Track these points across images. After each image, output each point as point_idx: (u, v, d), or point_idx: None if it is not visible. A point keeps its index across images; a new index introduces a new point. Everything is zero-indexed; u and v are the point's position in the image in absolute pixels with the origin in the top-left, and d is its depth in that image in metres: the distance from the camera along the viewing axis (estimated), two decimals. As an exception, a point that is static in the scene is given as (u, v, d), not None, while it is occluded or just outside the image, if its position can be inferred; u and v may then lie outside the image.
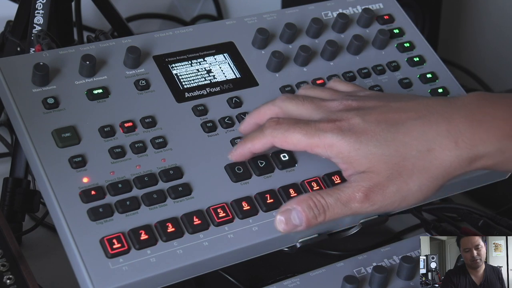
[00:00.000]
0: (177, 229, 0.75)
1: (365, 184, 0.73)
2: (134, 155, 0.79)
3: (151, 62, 0.86)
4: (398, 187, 0.73)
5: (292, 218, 0.74)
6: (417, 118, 0.74)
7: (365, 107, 0.76)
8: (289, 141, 0.76)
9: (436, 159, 0.72)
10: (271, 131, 0.76)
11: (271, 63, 0.89)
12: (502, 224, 0.96)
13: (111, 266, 0.72)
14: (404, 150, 0.73)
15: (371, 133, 0.74)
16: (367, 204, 0.73)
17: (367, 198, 0.73)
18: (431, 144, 0.72)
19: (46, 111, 0.79)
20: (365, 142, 0.73)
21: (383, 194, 0.73)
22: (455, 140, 0.72)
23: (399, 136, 0.73)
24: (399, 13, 0.99)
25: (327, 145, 0.74)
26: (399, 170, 0.73)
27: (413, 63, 0.95)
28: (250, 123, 0.81)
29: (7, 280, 0.76)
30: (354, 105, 0.77)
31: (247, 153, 0.79)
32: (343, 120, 0.75)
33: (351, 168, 0.74)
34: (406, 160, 0.73)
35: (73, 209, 0.74)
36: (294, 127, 0.76)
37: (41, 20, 0.97)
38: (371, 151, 0.73)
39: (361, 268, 0.82)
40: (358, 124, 0.74)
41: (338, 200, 0.73)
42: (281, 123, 0.76)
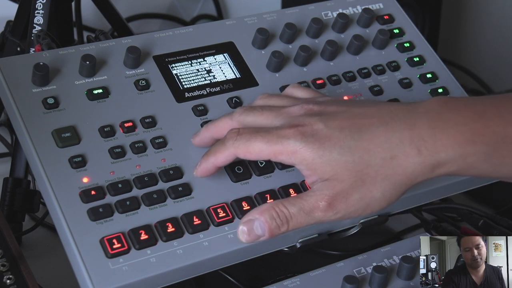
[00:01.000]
0: (177, 229, 0.75)
1: (328, 193, 0.72)
2: (134, 155, 0.79)
3: (151, 62, 0.86)
4: (362, 194, 0.72)
5: (254, 228, 0.73)
6: (380, 125, 0.73)
7: (327, 112, 0.75)
8: (251, 150, 0.74)
9: (399, 167, 0.72)
10: (232, 142, 0.75)
11: (271, 63, 0.89)
12: (502, 224, 0.96)
13: (111, 266, 0.72)
14: (368, 158, 0.72)
15: (335, 139, 0.72)
16: (330, 213, 0.72)
17: (331, 206, 0.72)
18: (394, 151, 0.72)
19: (46, 111, 0.79)
20: (329, 148, 0.72)
21: (346, 202, 0.72)
22: (418, 148, 0.71)
23: (363, 143, 0.72)
24: (399, 13, 0.99)
25: (290, 152, 0.73)
26: (362, 177, 0.72)
27: (413, 63, 0.95)
28: (205, 136, 0.80)
29: (7, 280, 0.76)
30: (315, 110, 0.75)
31: (211, 167, 0.77)
32: (306, 125, 0.73)
33: (315, 175, 0.73)
34: (370, 167, 0.72)
35: (73, 209, 0.74)
36: (255, 136, 0.74)
37: (41, 20, 0.97)
38: (335, 158, 0.72)
39: (361, 268, 0.82)
40: (321, 130, 0.73)
41: (301, 209, 0.73)
42: (242, 133, 0.75)
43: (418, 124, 0.72)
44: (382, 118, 0.73)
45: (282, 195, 0.80)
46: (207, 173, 0.78)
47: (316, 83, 0.90)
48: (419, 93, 0.93)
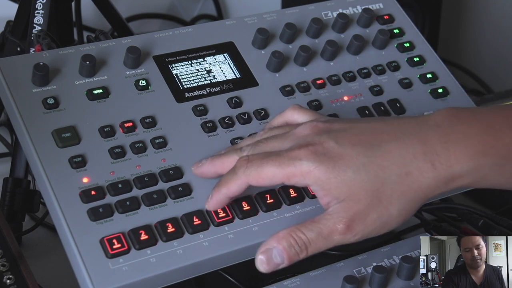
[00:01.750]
0: (177, 229, 0.75)
1: (346, 215, 0.71)
2: (134, 155, 0.79)
3: (151, 62, 0.86)
4: (379, 214, 0.71)
5: (273, 257, 0.72)
6: (392, 140, 0.72)
7: (334, 129, 0.74)
8: (264, 176, 0.73)
9: (414, 183, 0.71)
10: (243, 171, 0.73)
11: (271, 63, 0.89)
12: (502, 224, 0.96)
13: (111, 266, 0.72)
14: (383, 175, 0.71)
15: (348, 157, 0.71)
16: (349, 235, 0.71)
17: (349, 229, 0.71)
18: (408, 167, 0.71)
19: (46, 111, 0.79)
20: (343, 167, 0.71)
21: (364, 223, 0.71)
22: (432, 162, 0.71)
23: (377, 159, 0.71)
24: (399, 13, 0.99)
25: (305, 173, 0.71)
26: (378, 196, 0.71)
27: (413, 63, 0.95)
28: (209, 170, 0.78)
29: (7, 280, 0.76)
30: (321, 127, 0.74)
31: (224, 199, 0.75)
32: (316, 144, 0.72)
33: (330, 195, 0.72)
34: (386, 185, 0.71)
35: (73, 209, 0.74)
36: (266, 161, 0.73)
37: (41, 20, 0.97)
38: (350, 177, 0.71)
39: (361, 268, 0.82)
40: (332, 148, 0.72)
41: (319, 234, 0.71)
42: (252, 160, 0.73)
43: (430, 138, 0.72)
44: (392, 133, 0.73)
45: (282, 195, 0.80)
46: (220, 205, 0.76)
47: (316, 83, 0.90)
48: (419, 93, 0.93)
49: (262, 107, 0.86)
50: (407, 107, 0.91)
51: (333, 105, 0.89)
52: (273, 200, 0.79)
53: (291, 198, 0.80)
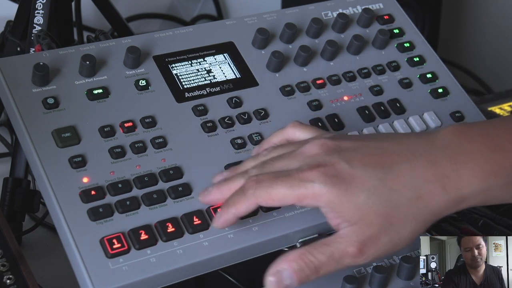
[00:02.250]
0: (177, 229, 0.75)
1: (358, 239, 0.70)
2: (134, 155, 0.79)
3: (151, 62, 0.86)
4: (390, 237, 0.71)
5: (283, 279, 0.71)
6: (403, 162, 0.72)
7: (343, 148, 0.72)
8: (274, 198, 0.71)
9: (426, 206, 0.71)
10: (253, 192, 0.72)
11: (271, 63, 0.89)
12: (502, 224, 0.96)
13: (111, 266, 0.72)
14: (395, 199, 0.71)
15: (360, 179, 0.70)
16: (360, 258, 0.71)
17: (361, 252, 0.70)
18: (420, 191, 0.71)
19: (46, 111, 0.79)
20: (356, 191, 0.70)
21: (375, 247, 0.71)
22: (442, 185, 0.71)
23: (389, 183, 0.71)
24: (399, 13, 0.99)
25: (317, 195, 0.70)
26: (390, 220, 0.71)
27: (413, 63, 0.95)
28: (217, 198, 0.76)
29: (7, 280, 0.76)
30: (330, 145, 0.73)
31: (232, 219, 0.74)
32: (327, 165, 0.71)
33: (341, 218, 0.71)
34: (397, 209, 0.71)
35: (73, 209, 0.74)
36: (276, 182, 0.71)
37: (41, 20, 0.97)
38: (362, 201, 0.70)
39: (361, 268, 0.82)
40: (344, 170, 0.71)
41: (330, 257, 0.71)
42: (261, 181, 0.72)
43: (440, 160, 0.72)
44: (402, 154, 0.72)
45: (282, 195, 0.80)
46: (228, 224, 0.74)
47: (316, 83, 0.90)
48: (419, 93, 0.93)
49: (262, 107, 0.86)
50: (407, 107, 0.91)
51: (333, 105, 0.89)
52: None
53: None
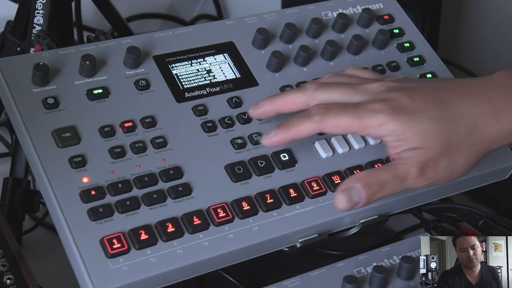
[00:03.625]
0: (177, 229, 0.75)
1: (420, 159, 0.75)
2: (134, 155, 0.79)
3: (151, 62, 0.86)
4: (448, 162, 0.76)
5: (352, 196, 0.75)
6: (461, 98, 0.78)
7: (407, 87, 0.78)
8: (340, 125, 0.77)
9: (480, 135, 0.77)
10: (321, 117, 0.77)
11: (271, 63, 0.89)
12: (502, 224, 0.96)
13: (111, 266, 0.72)
14: (453, 127, 0.76)
15: (422, 111, 0.76)
16: (421, 179, 0.76)
17: (422, 173, 0.76)
18: (476, 121, 0.77)
19: (46, 111, 0.79)
20: (419, 119, 0.76)
21: (436, 169, 0.76)
22: (496, 118, 0.77)
23: (448, 114, 0.76)
24: (399, 13, 0.99)
25: (381, 125, 0.76)
26: (449, 145, 0.76)
27: (413, 63, 0.95)
28: (270, 110, 0.81)
29: (7, 280, 0.76)
30: (396, 86, 0.79)
31: (289, 139, 0.78)
32: (393, 99, 0.76)
33: (404, 145, 0.76)
34: (455, 136, 0.76)
35: (73, 209, 0.74)
36: (345, 111, 0.77)
37: (41, 20, 0.97)
38: (425, 128, 0.76)
39: (361, 268, 0.82)
40: (408, 104, 0.76)
41: (395, 176, 0.75)
42: (330, 108, 0.77)
43: (494, 96, 0.78)
44: (461, 91, 0.78)
45: (282, 195, 0.80)
46: (283, 143, 0.79)
47: (316, 83, 0.90)
48: (419, 93, 0.93)
49: (262, 107, 0.86)
50: (407, 107, 0.91)
51: (333, 105, 0.89)
52: (273, 200, 0.79)
53: (291, 198, 0.80)
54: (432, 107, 0.77)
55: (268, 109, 0.81)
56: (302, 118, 0.78)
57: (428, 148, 0.76)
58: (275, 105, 0.81)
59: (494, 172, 0.89)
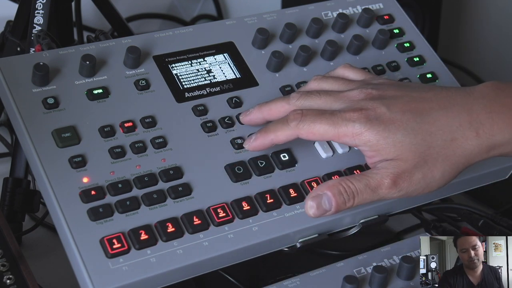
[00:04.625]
0: (177, 229, 0.75)
1: (393, 171, 0.75)
2: (134, 155, 0.79)
3: (151, 62, 0.86)
4: (424, 174, 0.75)
5: (322, 203, 0.76)
6: (440, 109, 0.77)
7: (386, 96, 0.78)
8: (316, 132, 0.77)
9: (458, 148, 0.76)
10: (296, 124, 0.77)
11: (271, 63, 0.89)
12: (502, 224, 0.96)
13: (111, 266, 0.72)
14: (430, 139, 0.76)
15: (398, 122, 0.76)
16: (394, 190, 0.75)
17: (395, 184, 0.75)
18: (454, 134, 0.76)
19: (46, 111, 0.79)
20: (393, 131, 0.75)
21: (409, 181, 0.75)
22: (476, 131, 0.76)
23: (425, 125, 0.76)
24: (399, 13, 0.99)
25: (356, 134, 0.76)
26: (425, 158, 0.75)
27: (413, 63, 0.95)
28: (258, 117, 0.82)
29: (7, 280, 0.76)
30: (375, 94, 0.78)
31: (268, 144, 0.80)
32: (369, 109, 0.76)
33: (379, 155, 0.76)
34: (432, 148, 0.75)
35: (73, 209, 0.74)
36: (320, 118, 0.77)
37: (41, 20, 0.97)
38: (399, 139, 0.75)
39: (361, 268, 0.82)
40: (384, 113, 0.76)
41: (367, 185, 0.75)
42: (306, 114, 0.78)
43: (476, 108, 0.76)
44: (440, 103, 0.77)
45: (282, 195, 0.80)
46: (262, 148, 0.80)
47: (316, 83, 0.90)
48: (419, 93, 0.93)
49: (262, 107, 0.86)
50: (407, 107, 0.91)
51: (333, 105, 0.89)
52: (273, 200, 0.79)
53: (291, 198, 0.80)
54: (409, 118, 0.76)
55: (256, 116, 0.82)
56: (279, 124, 0.79)
57: (403, 159, 0.75)
58: (263, 113, 0.82)
59: (494, 172, 0.89)
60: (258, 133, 0.80)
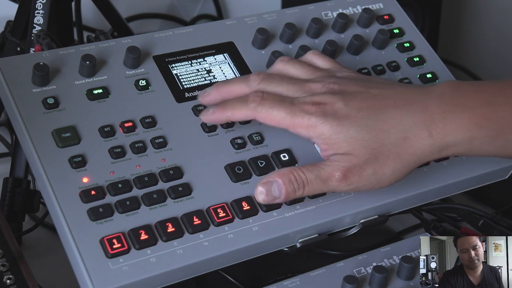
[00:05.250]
0: (177, 229, 0.75)
1: (345, 165, 0.76)
2: (134, 155, 0.79)
3: (151, 62, 0.86)
4: (374, 170, 0.76)
5: (272, 190, 0.77)
6: (396, 107, 0.77)
7: (346, 92, 0.78)
8: (272, 118, 0.78)
9: (410, 147, 0.76)
10: (255, 106, 0.78)
11: (271, 63, 0.89)
12: (502, 224, 0.96)
13: (111, 266, 0.72)
14: (382, 137, 0.76)
15: (353, 118, 0.76)
16: (344, 184, 0.76)
17: (345, 177, 0.76)
18: (407, 133, 0.76)
19: (46, 111, 0.79)
20: (347, 126, 0.76)
21: (360, 176, 0.76)
22: (429, 131, 0.76)
23: (379, 123, 0.76)
24: (399, 13, 0.99)
25: (310, 126, 0.77)
26: (376, 155, 0.76)
27: (413, 63, 0.95)
28: (216, 97, 0.81)
29: (7, 280, 0.76)
30: (336, 89, 0.79)
31: (224, 119, 0.80)
32: (327, 104, 0.77)
33: (331, 149, 0.77)
34: (384, 146, 0.76)
35: (73, 209, 0.74)
36: (279, 105, 0.77)
37: (41, 20, 0.97)
38: (352, 135, 0.76)
39: (361, 268, 0.82)
40: (341, 109, 0.77)
41: (318, 176, 0.76)
42: (266, 99, 0.78)
43: (431, 107, 0.77)
44: (398, 101, 0.78)
45: (282, 195, 0.80)
46: (217, 122, 0.82)
47: (316, 83, 0.90)
48: (419, 93, 0.93)
49: (262, 107, 0.86)
50: (407, 107, 0.91)
51: (333, 105, 0.89)
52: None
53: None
54: (364, 114, 0.77)
55: (214, 98, 0.82)
56: (239, 102, 0.79)
57: (354, 155, 0.76)
58: (221, 93, 0.82)
59: (494, 172, 0.89)
60: (216, 106, 0.80)
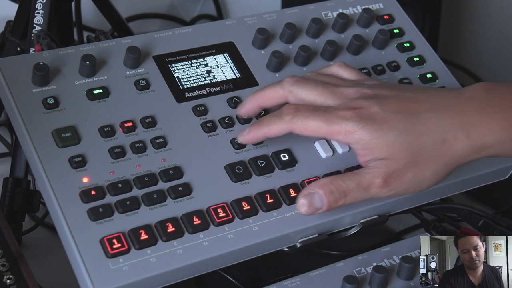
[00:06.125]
0: (177, 229, 0.75)
1: (384, 170, 0.76)
2: (134, 155, 0.79)
3: (151, 62, 0.86)
4: (415, 174, 0.76)
5: (314, 201, 0.76)
6: (432, 110, 0.77)
7: (380, 96, 0.78)
8: (309, 128, 0.77)
9: (449, 149, 0.76)
10: (290, 118, 0.77)
11: (271, 63, 0.89)
12: (502, 224, 0.96)
13: (111, 266, 0.72)
14: (421, 140, 0.76)
15: (391, 122, 0.76)
16: (385, 190, 0.76)
17: (386, 183, 0.76)
18: (445, 135, 0.76)
19: (46, 111, 0.79)
20: (386, 130, 0.76)
21: (400, 180, 0.76)
22: (467, 132, 0.76)
23: (417, 126, 0.76)
24: (399, 13, 0.99)
25: (349, 132, 0.76)
26: (416, 158, 0.76)
27: (413, 63, 0.95)
28: (253, 106, 0.82)
29: (7, 280, 0.76)
30: (369, 93, 0.79)
31: (261, 137, 0.80)
32: (363, 108, 0.77)
33: (371, 154, 0.77)
34: (423, 149, 0.76)
35: (73, 209, 0.74)
36: (314, 115, 0.77)
37: (41, 20, 0.97)
38: (391, 139, 0.76)
39: (361, 268, 0.82)
40: (377, 113, 0.76)
41: (359, 185, 0.76)
42: (301, 110, 0.78)
43: (467, 109, 0.77)
44: (432, 104, 0.78)
45: (282, 195, 0.80)
46: (255, 141, 0.81)
47: (316, 83, 0.90)
48: (419, 93, 0.93)
49: (262, 107, 0.86)
50: (407, 107, 0.91)
51: (333, 105, 0.89)
52: (273, 200, 0.79)
53: (291, 198, 0.80)
54: (402, 118, 0.77)
55: (251, 105, 0.82)
56: (273, 117, 0.79)
57: (394, 159, 0.76)
58: (257, 101, 0.82)
59: (494, 172, 0.89)
60: (252, 126, 0.80)
